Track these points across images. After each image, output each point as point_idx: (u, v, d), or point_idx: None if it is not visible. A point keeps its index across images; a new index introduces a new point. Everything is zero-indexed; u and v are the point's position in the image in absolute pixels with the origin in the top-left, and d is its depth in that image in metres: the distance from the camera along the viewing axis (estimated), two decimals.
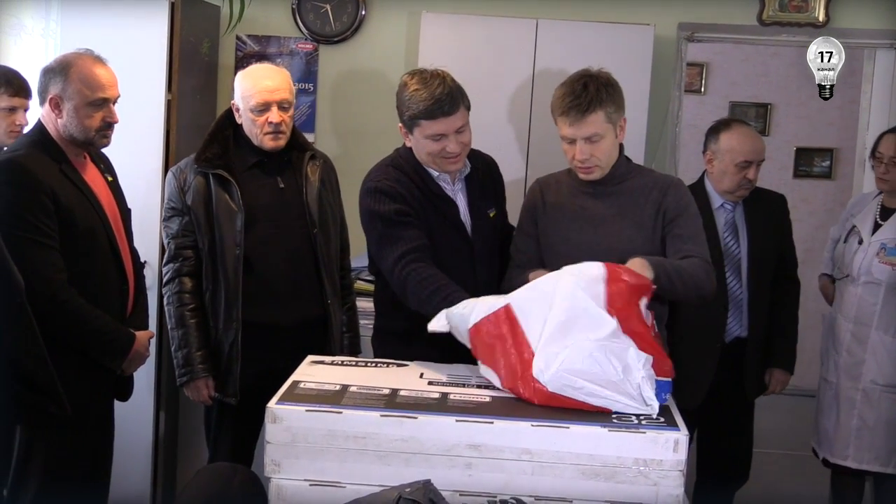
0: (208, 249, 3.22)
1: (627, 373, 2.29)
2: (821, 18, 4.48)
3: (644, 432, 2.17)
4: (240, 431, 3.31)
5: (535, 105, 4.26)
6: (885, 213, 3.78)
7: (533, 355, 2.34)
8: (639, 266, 2.58)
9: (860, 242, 3.76)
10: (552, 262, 2.76)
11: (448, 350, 2.65)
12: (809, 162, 7.02)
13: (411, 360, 2.67)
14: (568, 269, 2.46)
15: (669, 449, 2.15)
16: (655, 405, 2.29)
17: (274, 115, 3.21)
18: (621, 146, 2.93)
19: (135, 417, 3.82)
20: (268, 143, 3.23)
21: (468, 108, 2.95)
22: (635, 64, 4.08)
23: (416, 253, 2.86)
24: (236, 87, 3.28)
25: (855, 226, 3.82)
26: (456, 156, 2.93)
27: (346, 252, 3.53)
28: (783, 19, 4.51)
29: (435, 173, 2.99)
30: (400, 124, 2.96)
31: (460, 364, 2.60)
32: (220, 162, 3.22)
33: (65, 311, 2.81)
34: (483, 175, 3.12)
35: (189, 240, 3.24)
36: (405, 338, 2.94)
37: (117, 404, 3.15)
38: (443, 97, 2.84)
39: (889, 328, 3.71)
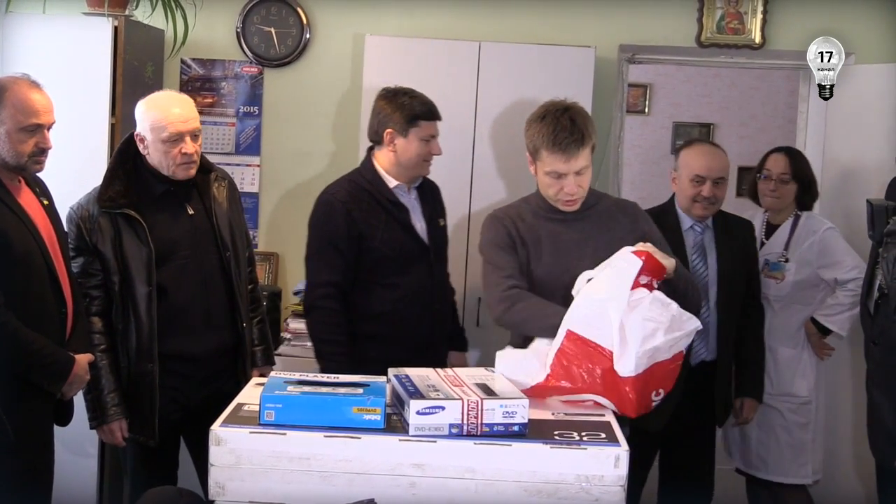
0: (119, 289, 3.14)
1: (669, 307, 2.53)
2: (757, 40, 4.58)
3: (585, 448, 2.20)
4: (157, 469, 3.25)
5: (479, 126, 4.30)
6: (769, 229, 3.92)
7: (612, 358, 2.50)
8: (665, 261, 2.67)
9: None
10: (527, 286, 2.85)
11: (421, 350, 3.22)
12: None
13: (388, 363, 2.83)
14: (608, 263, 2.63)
15: (611, 464, 2.18)
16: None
17: (188, 145, 3.14)
18: None
19: (79, 442, 3.79)
20: (181, 173, 3.17)
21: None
22: (577, 85, 4.13)
23: (332, 288, 3.30)
24: (142, 117, 3.17)
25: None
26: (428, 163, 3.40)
27: (252, 266, 3.53)
28: (720, 41, 4.60)
29: (392, 183, 3.35)
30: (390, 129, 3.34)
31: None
32: (124, 200, 3.12)
33: (2, 334, 2.77)
34: (434, 192, 3.53)
35: (96, 279, 3.15)
36: (380, 340, 3.34)
37: (63, 429, 3.10)
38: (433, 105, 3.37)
39: (782, 340, 3.82)
